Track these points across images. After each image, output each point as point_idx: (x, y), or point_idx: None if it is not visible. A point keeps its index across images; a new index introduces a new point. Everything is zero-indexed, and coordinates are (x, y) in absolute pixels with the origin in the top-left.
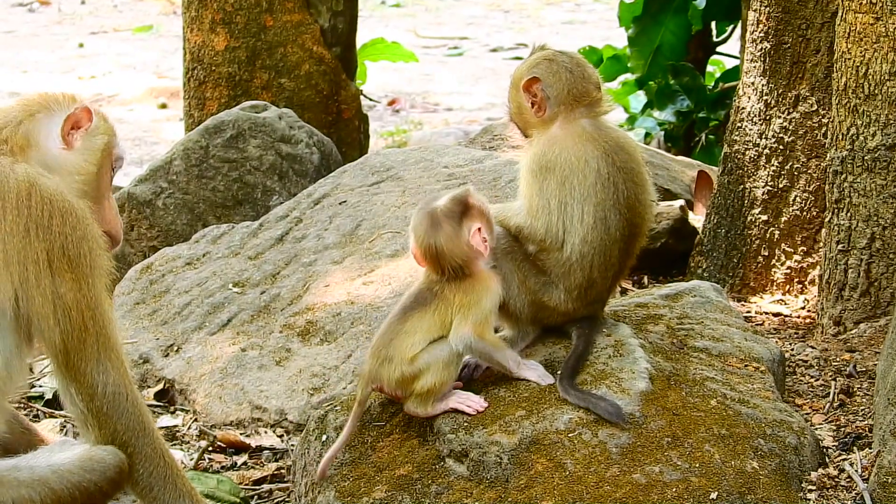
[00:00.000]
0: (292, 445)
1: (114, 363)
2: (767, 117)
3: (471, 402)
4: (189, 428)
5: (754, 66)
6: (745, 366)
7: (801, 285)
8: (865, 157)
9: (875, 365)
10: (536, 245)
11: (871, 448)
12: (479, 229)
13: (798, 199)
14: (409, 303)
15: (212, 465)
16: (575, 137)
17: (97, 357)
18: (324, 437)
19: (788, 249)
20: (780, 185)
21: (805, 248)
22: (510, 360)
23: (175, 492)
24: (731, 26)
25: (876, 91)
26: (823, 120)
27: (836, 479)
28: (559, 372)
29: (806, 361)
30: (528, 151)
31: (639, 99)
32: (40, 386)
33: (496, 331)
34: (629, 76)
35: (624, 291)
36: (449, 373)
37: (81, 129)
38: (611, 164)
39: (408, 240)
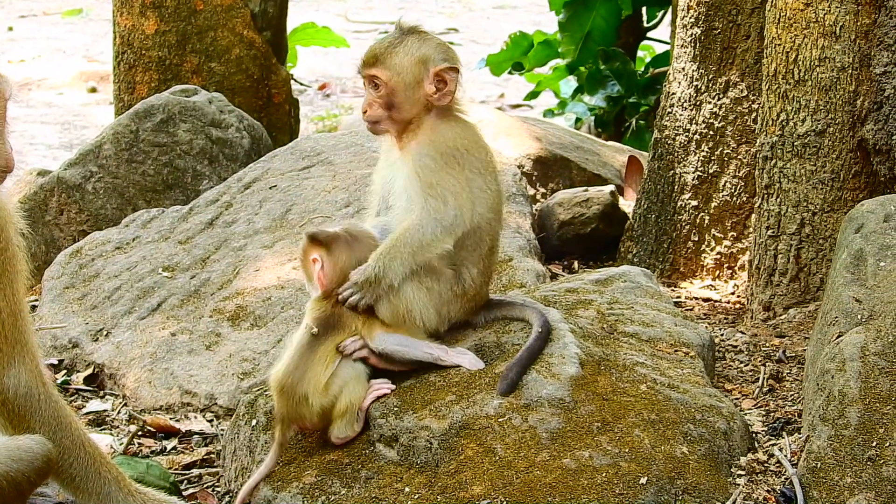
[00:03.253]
0: (222, 430)
1: (27, 364)
2: (698, 103)
3: (382, 385)
4: (118, 412)
5: (685, 52)
6: (675, 351)
7: (730, 270)
8: (795, 143)
9: (804, 350)
10: (458, 235)
11: (800, 433)
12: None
13: (728, 184)
14: (312, 336)
15: (141, 450)
16: (457, 122)
17: (10, 363)
18: (253, 422)
19: (718, 235)
20: (710, 171)
21: (735, 234)
22: (434, 348)
23: (99, 480)
24: (662, 11)
25: (806, 77)
26: (753, 105)
27: (766, 464)
28: (510, 364)
29: (735, 346)
30: (418, 148)
31: (569, 84)
32: None
33: None
34: (560, 61)
35: (554, 276)
36: (362, 386)
37: None
38: (484, 140)
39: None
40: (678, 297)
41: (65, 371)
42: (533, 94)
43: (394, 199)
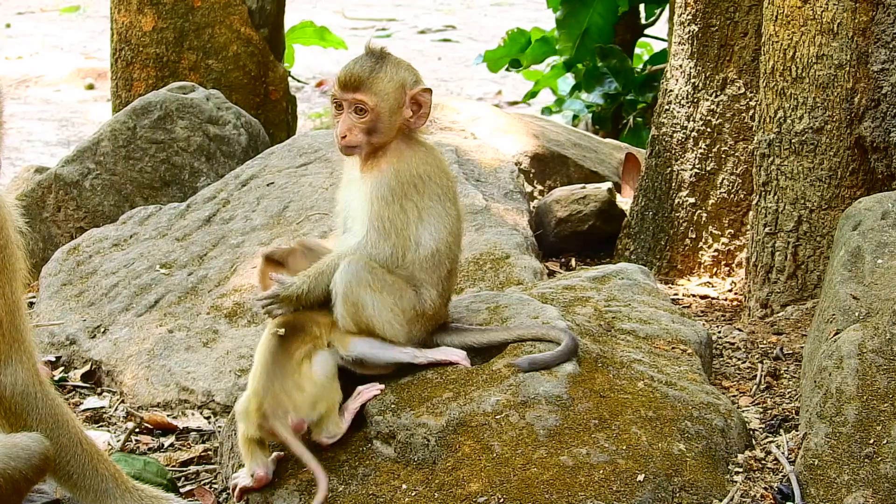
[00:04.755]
0: (219, 427)
1: (24, 363)
2: (695, 100)
3: (371, 387)
4: (116, 409)
5: (682, 49)
6: (673, 348)
7: (728, 268)
8: (793, 140)
9: (802, 347)
10: (389, 270)
11: (797, 430)
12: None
13: (725, 181)
14: (279, 342)
15: (139, 447)
16: (421, 147)
17: (6, 361)
18: None
19: (716, 232)
20: (708, 168)
21: (732, 231)
22: (408, 349)
23: (96, 477)
24: (660, 9)
25: (803, 74)
26: (751, 103)
27: (763, 462)
28: (546, 355)
29: (733, 344)
30: (379, 175)
31: (567, 81)
32: None
33: None
34: (557, 58)
35: (551, 274)
36: (336, 384)
37: None
38: (445, 164)
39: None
40: (675, 294)
41: (62, 368)
42: (531, 94)
43: (350, 222)
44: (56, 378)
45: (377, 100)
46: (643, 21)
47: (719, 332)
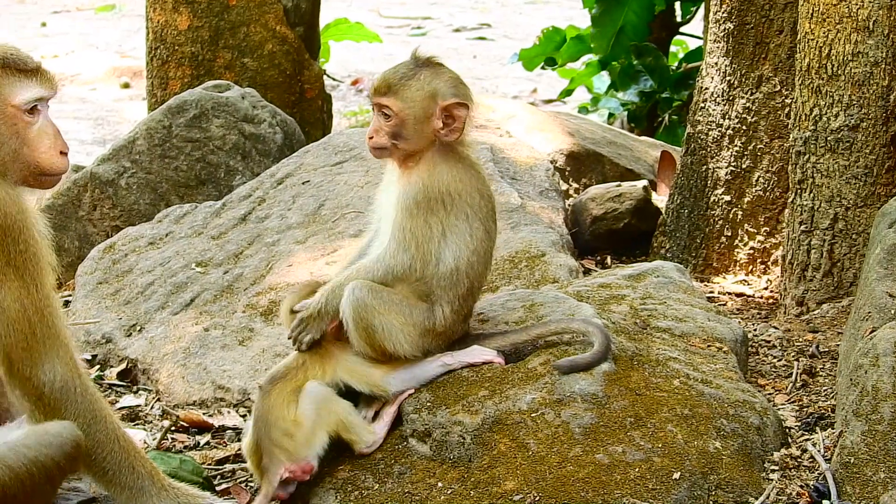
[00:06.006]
0: None
1: (62, 358)
2: (730, 98)
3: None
4: (152, 408)
5: (717, 47)
6: (708, 346)
7: (763, 266)
8: (828, 138)
9: (838, 345)
10: (408, 282)
11: (833, 428)
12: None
13: (761, 179)
14: (264, 392)
15: (175, 445)
16: (458, 161)
17: (44, 358)
18: None
19: (751, 230)
20: (743, 166)
21: (768, 229)
22: (441, 358)
23: (133, 474)
24: (695, 7)
25: (839, 72)
26: (786, 100)
27: (799, 460)
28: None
29: (769, 342)
30: (408, 186)
31: (602, 79)
32: None
33: None
34: (592, 57)
35: (587, 272)
36: (337, 403)
37: None
38: (483, 183)
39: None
40: (711, 292)
41: (98, 366)
42: (567, 92)
43: (377, 226)
44: (92, 376)
45: (402, 106)
46: (678, 19)
47: (755, 329)
